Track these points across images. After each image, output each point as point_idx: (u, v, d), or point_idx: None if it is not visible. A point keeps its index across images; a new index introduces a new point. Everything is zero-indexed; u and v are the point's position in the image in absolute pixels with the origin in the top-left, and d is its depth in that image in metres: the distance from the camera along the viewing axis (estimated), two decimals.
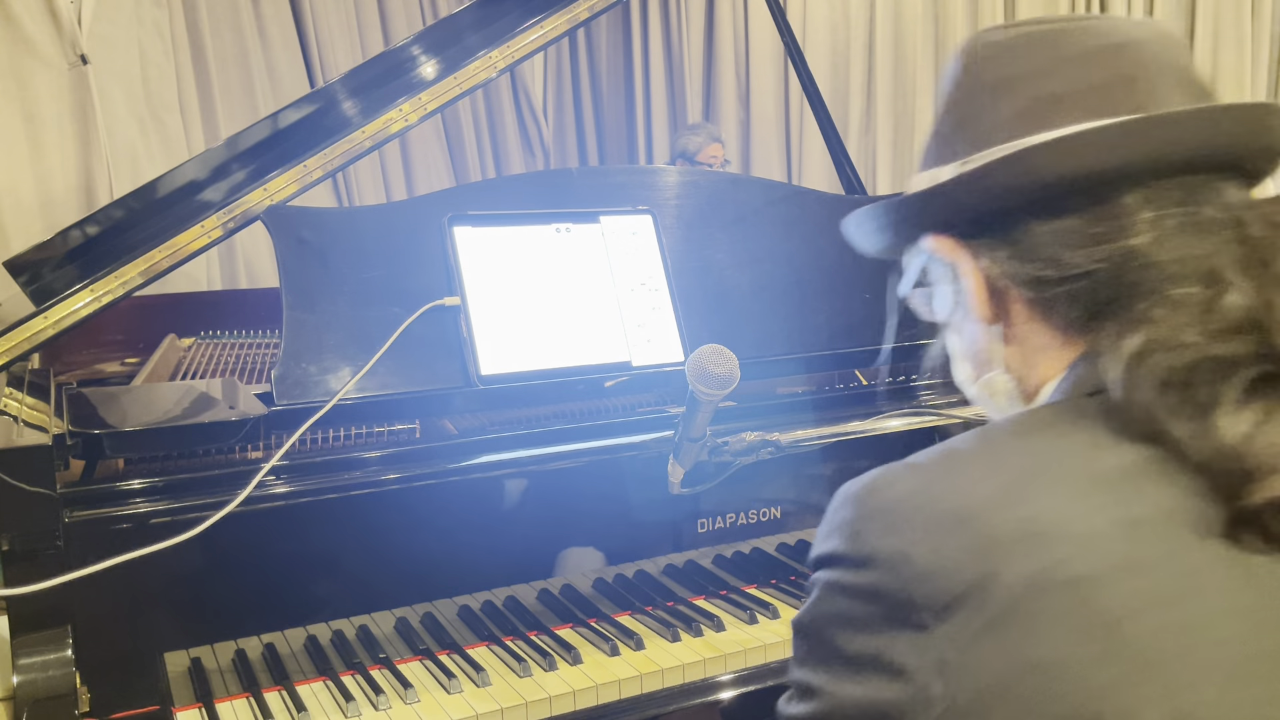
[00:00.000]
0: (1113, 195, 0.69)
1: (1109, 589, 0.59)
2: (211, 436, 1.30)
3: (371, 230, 1.48)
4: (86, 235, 1.52)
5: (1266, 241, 0.65)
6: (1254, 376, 0.61)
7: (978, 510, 0.62)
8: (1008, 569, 0.60)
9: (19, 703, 1.10)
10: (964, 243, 0.76)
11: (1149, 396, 0.62)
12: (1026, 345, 0.76)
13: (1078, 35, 0.74)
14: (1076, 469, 0.63)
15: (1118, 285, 0.68)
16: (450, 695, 1.26)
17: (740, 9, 4.44)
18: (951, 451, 0.67)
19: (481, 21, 1.71)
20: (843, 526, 0.67)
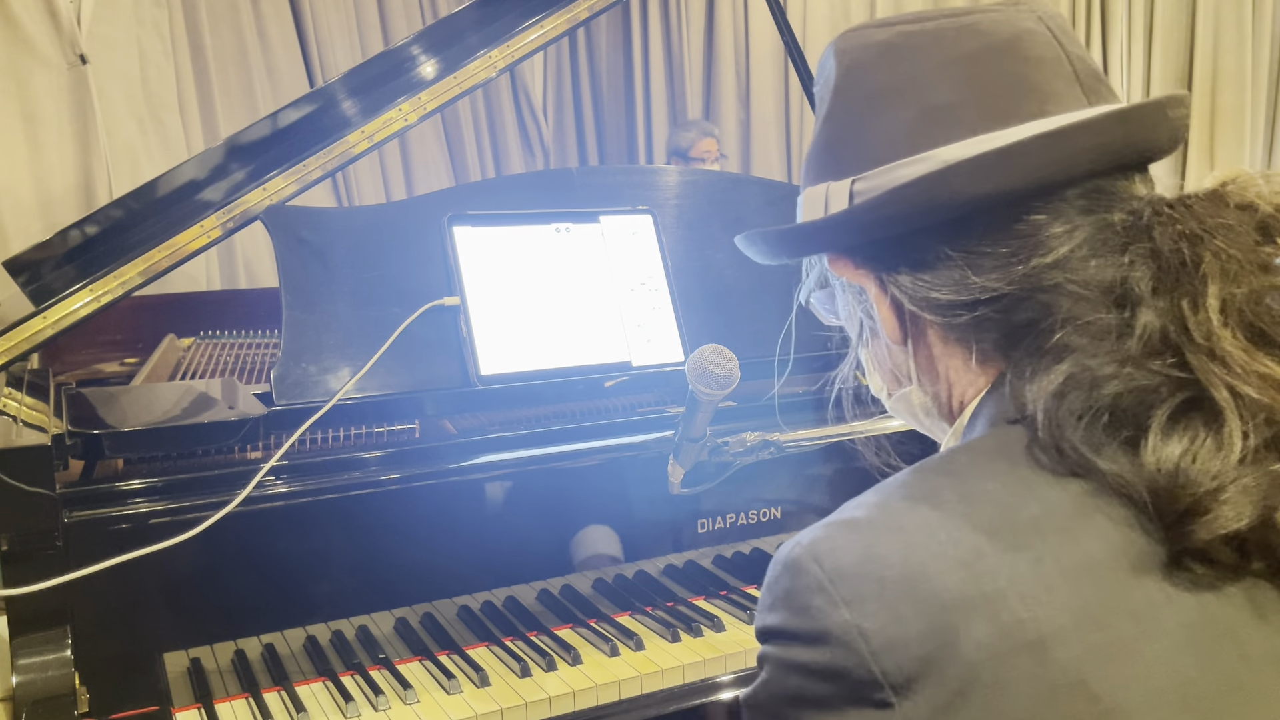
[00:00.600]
0: (1021, 213, 0.66)
1: (1068, 647, 0.57)
2: (211, 436, 1.30)
3: (371, 230, 1.48)
4: (86, 235, 1.51)
5: (1177, 256, 0.62)
6: (1179, 403, 0.59)
7: (927, 572, 0.59)
8: (965, 635, 0.57)
9: (18, 703, 1.10)
10: (869, 268, 0.73)
11: (1074, 434, 0.60)
12: (941, 364, 0.73)
13: (962, 35, 0.69)
14: (1019, 515, 0.60)
15: (1030, 308, 0.66)
16: (450, 696, 1.26)
17: (740, 9, 4.43)
18: (888, 503, 0.63)
19: (481, 21, 1.71)
20: (788, 599, 0.63)
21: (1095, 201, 0.66)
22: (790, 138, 4.58)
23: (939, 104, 0.68)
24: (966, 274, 0.67)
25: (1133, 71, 4.47)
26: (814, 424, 1.53)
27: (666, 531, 1.52)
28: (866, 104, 0.71)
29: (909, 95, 0.69)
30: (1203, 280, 0.60)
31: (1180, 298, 0.61)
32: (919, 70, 0.69)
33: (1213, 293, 0.59)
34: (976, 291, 0.67)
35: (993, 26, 0.70)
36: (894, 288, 0.71)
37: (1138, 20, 4.43)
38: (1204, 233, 0.61)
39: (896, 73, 0.70)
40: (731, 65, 4.53)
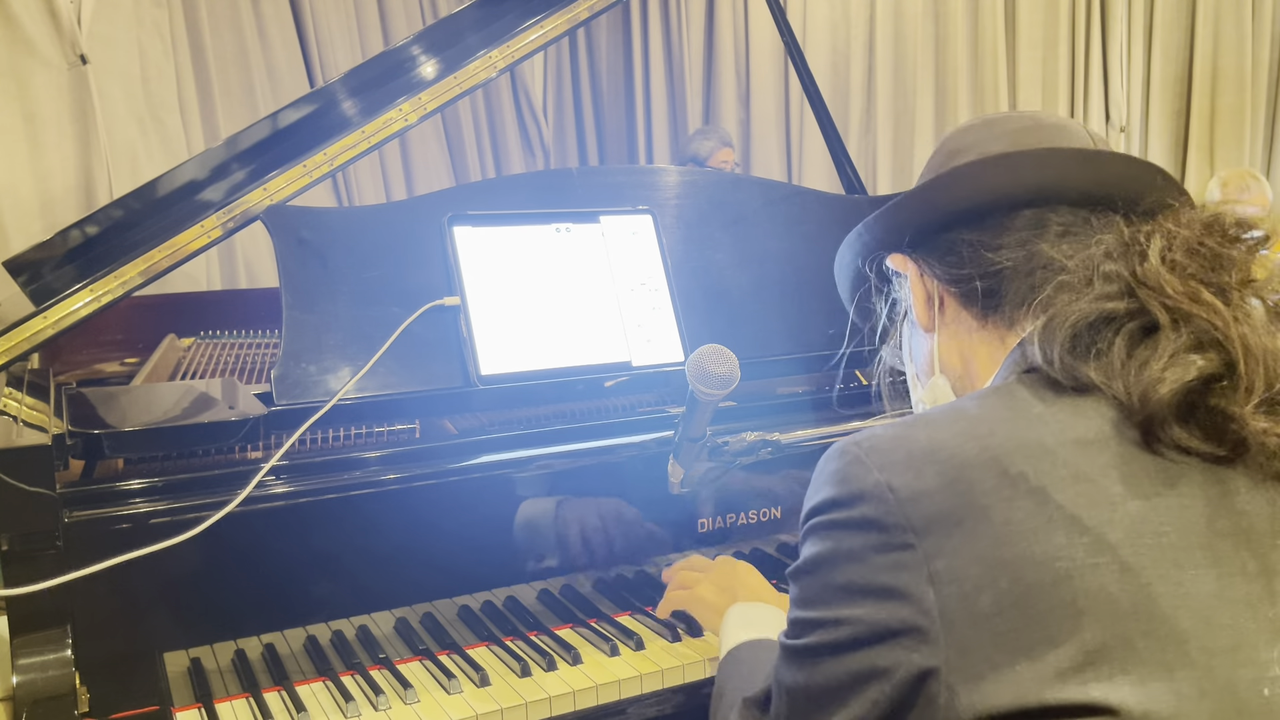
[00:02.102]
0: (1014, 211, 0.87)
1: (1064, 493, 0.70)
2: (211, 436, 1.30)
3: (371, 230, 1.48)
4: (86, 235, 1.52)
5: (1133, 236, 0.80)
6: (1136, 328, 0.75)
7: (947, 444, 0.73)
8: (976, 486, 0.71)
9: (18, 703, 1.10)
10: (911, 255, 0.95)
11: (1062, 353, 0.76)
12: (958, 341, 0.92)
13: (1021, 118, 0.94)
14: (1025, 410, 0.76)
15: (1026, 278, 0.86)
16: (450, 695, 1.26)
17: (740, 9, 4.43)
18: (922, 414, 0.81)
19: (481, 21, 1.71)
20: (832, 476, 0.77)
21: (1076, 218, 0.86)
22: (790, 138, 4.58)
23: (991, 152, 0.91)
24: (979, 253, 0.88)
25: (1132, 71, 4.47)
26: (814, 424, 1.53)
27: (666, 531, 1.52)
28: (943, 160, 0.95)
29: (971, 150, 0.93)
30: (1149, 243, 0.78)
31: (1132, 258, 0.78)
32: (985, 136, 0.93)
33: (1154, 251, 0.77)
34: (984, 265, 0.88)
35: (1044, 117, 0.94)
36: (927, 270, 0.93)
37: (1138, 20, 4.43)
38: (1155, 228, 0.80)
39: (969, 139, 0.94)
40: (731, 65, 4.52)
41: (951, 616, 0.69)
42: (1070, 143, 0.90)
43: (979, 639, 0.68)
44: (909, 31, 4.37)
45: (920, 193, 0.92)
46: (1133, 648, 0.66)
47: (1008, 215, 0.87)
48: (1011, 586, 0.68)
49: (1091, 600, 0.67)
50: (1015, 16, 4.39)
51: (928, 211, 0.91)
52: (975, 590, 0.69)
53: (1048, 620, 0.67)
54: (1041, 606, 0.67)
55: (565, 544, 1.46)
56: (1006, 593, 0.68)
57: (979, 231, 0.88)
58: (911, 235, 0.93)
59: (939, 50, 4.41)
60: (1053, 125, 0.92)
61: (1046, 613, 0.67)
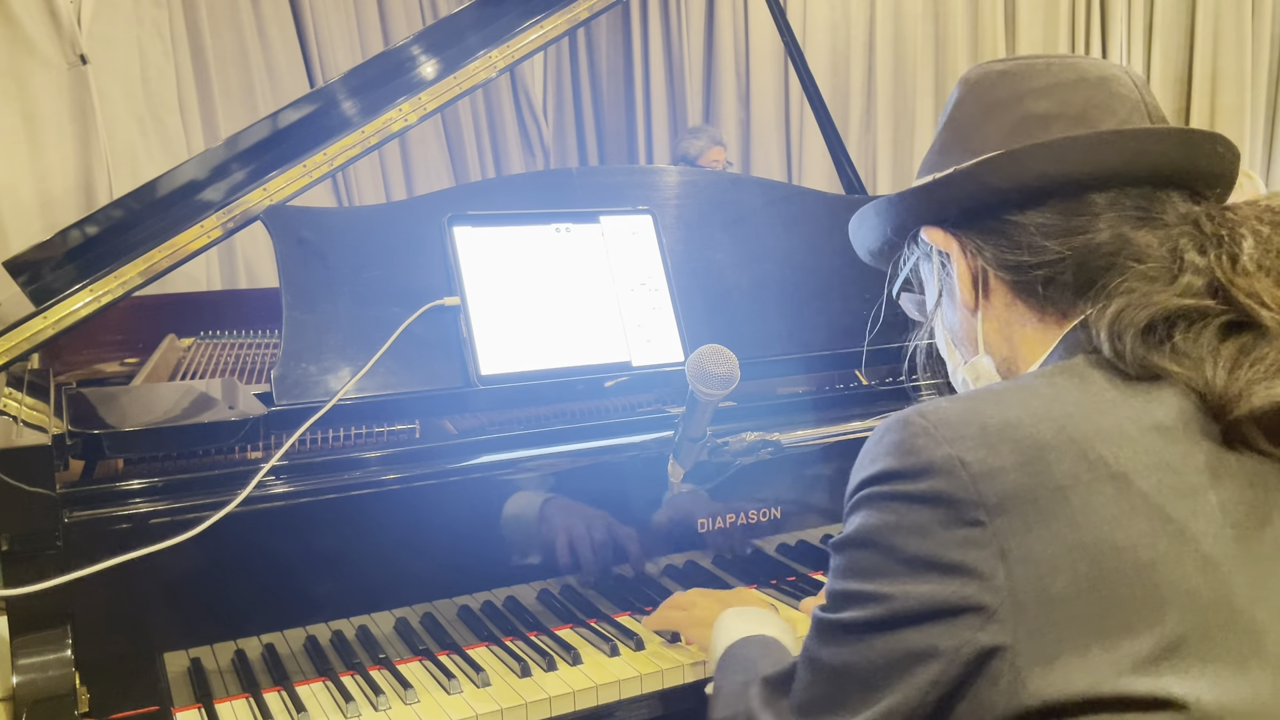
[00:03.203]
0: (1085, 195, 0.81)
1: (1147, 480, 0.68)
2: (211, 436, 1.30)
3: (371, 230, 1.48)
4: (86, 235, 1.51)
5: (1217, 230, 0.77)
6: (1222, 323, 0.73)
7: (1022, 422, 0.70)
8: (1054, 467, 0.68)
9: (18, 703, 1.10)
10: (955, 233, 0.87)
11: (1134, 343, 0.73)
12: (1008, 327, 0.87)
13: (1064, 69, 0.86)
14: (1100, 394, 0.73)
15: (1089, 268, 0.80)
16: (450, 696, 1.26)
17: (740, 9, 4.43)
18: (986, 388, 0.77)
19: (481, 21, 1.71)
20: (893, 447, 0.73)
21: (1147, 201, 0.81)
22: (790, 138, 4.58)
23: (1036, 113, 0.84)
24: (1038, 238, 0.82)
25: None
26: (814, 424, 1.53)
27: (666, 531, 1.52)
28: (980, 112, 0.88)
29: (1014, 106, 0.85)
30: (1239, 244, 0.75)
31: (1221, 256, 0.75)
32: (1025, 89, 0.86)
33: (1248, 252, 0.75)
34: (1043, 253, 0.81)
35: (1089, 66, 0.87)
36: (975, 249, 0.86)
37: (1138, 20, 4.43)
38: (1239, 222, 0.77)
39: (1007, 90, 0.87)
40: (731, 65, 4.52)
41: (1023, 597, 0.67)
42: (1123, 106, 0.83)
43: (1052, 622, 0.66)
44: (909, 31, 4.37)
45: (972, 173, 0.84)
46: (1210, 640, 0.66)
47: (1073, 200, 0.81)
48: (1090, 570, 0.66)
49: (1173, 590, 0.66)
50: (1015, 17, 4.39)
51: (981, 193, 0.84)
52: (1051, 572, 0.67)
53: (1127, 608, 0.66)
54: (1122, 593, 0.66)
55: (566, 544, 1.46)
56: (1085, 576, 0.66)
57: (1039, 216, 0.82)
58: (957, 213, 0.86)
59: (939, 50, 4.41)
60: (1098, 79, 0.85)
61: (1127, 600, 0.66)
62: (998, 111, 0.86)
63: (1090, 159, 0.80)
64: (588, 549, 1.48)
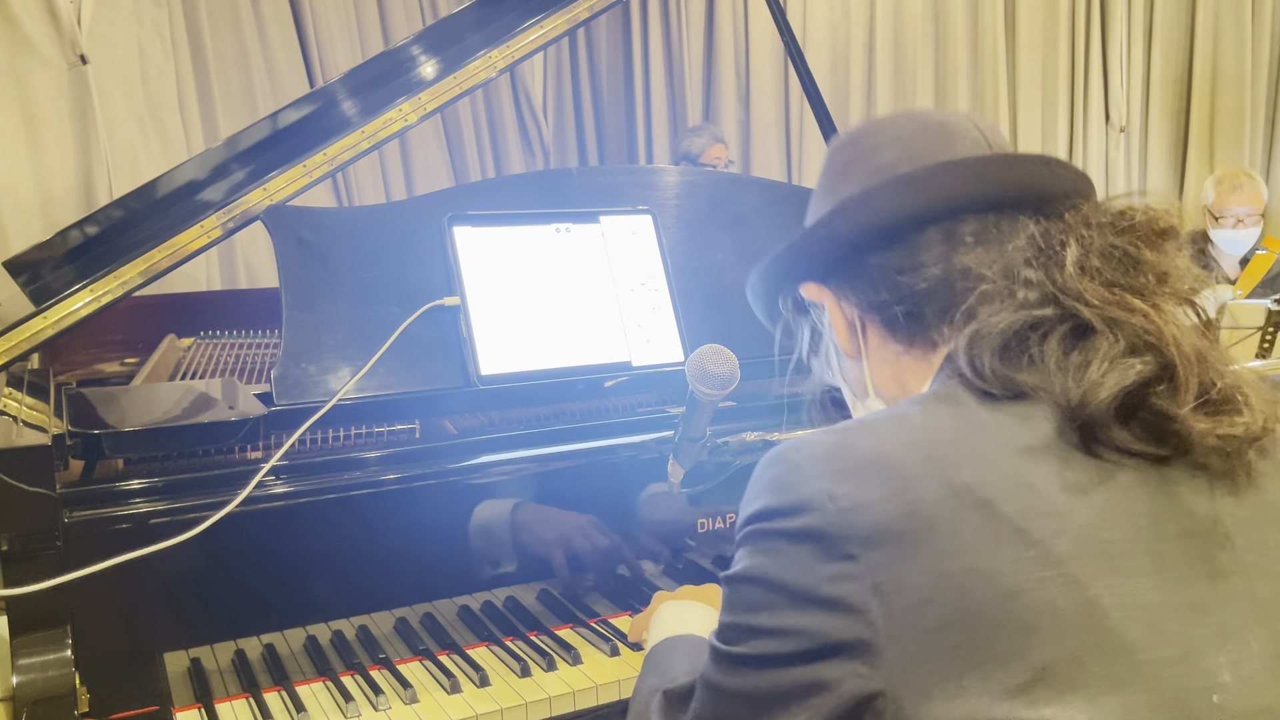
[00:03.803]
0: (926, 228, 0.84)
1: (1011, 504, 0.69)
2: (211, 437, 1.30)
3: (371, 230, 1.48)
4: (86, 235, 1.51)
5: (1049, 243, 0.79)
6: (1065, 331, 0.75)
7: (891, 453, 0.72)
8: (921, 497, 0.69)
9: (18, 703, 1.10)
10: (825, 285, 0.91)
11: (993, 362, 0.75)
12: (891, 367, 0.89)
13: (906, 120, 0.91)
14: (970, 417, 0.75)
15: (945, 296, 0.83)
16: (450, 696, 1.26)
17: (740, 9, 4.43)
18: (861, 420, 0.79)
19: (481, 21, 1.71)
20: (770, 484, 0.74)
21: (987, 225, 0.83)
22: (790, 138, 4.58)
23: (883, 163, 0.88)
24: (894, 276, 0.85)
25: (1132, 72, 4.47)
26: (814, 424, 1.53)
27: (667, 531, 1.52)
28: (839, 171, 0.92)
29: (866, 160, 0.90)
30: (1064, 250, 0.78)
31: (1049, 266, 0.78)
32: (874, 144, 0.90)
33: (1070, 258, 0.77)
34: (902, 288, 0.84)
35: (929, 115, 0.92)
36: (844, 298, 0.90)
37: (1138, 20, 4.43)
38: (1069, 230, 0.80)
39: (860, 148, 0.91)
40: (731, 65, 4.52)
41: (898, 631, 0.67)
42: (961, 144, 0.87)
43: (926, 654, 0.67)
44: (909, 31, 4.37)
45: (825, 224, 0.88)
46: (1082, 664, 0.66)
47: (916, 234, 0.84)
48: (959, 602, 0.66)
49: (1040, 617, 0.66)
50: (1015, 16, 4.39)
51: (835, 242, 0.87)
52: (922, 604, 0.67)
53: (996, 637, 0.66)
54: (989, 623, 0.66)
55: (565, 544, 1.46)
56: (954, 608, 0.66)
57: (889, 255, 0.85)
58: (821, 265, 0.90)
59: (939, 50, 4.41)
60: (937, 124, 0.89)
61: (994, 629, 0.66)
62: (853, 168, 0.90)
63: (921, 194, 0.84)
64: (588, 549, 1.48)
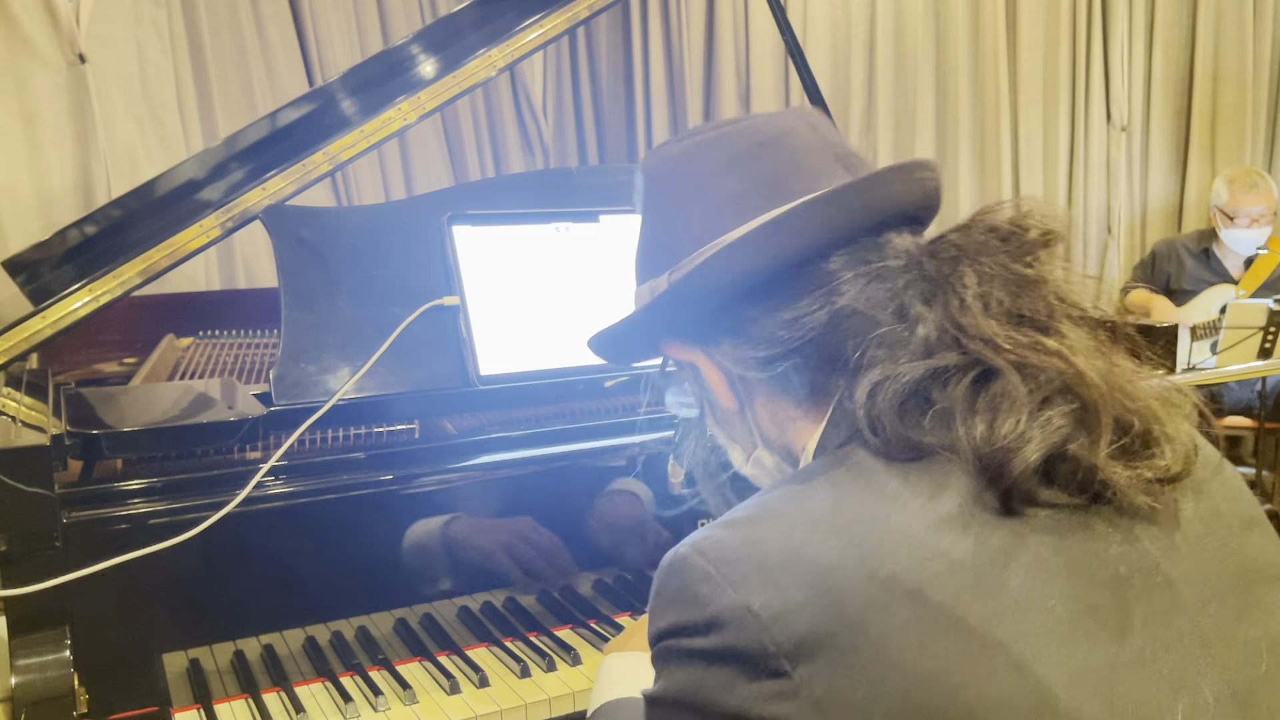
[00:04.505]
0: (804, 271, 0.76)
1: (943, 591, 0.62)
2: (210, 437, 1.30)
3: (370, 230, 1.48)
4: (84, 235, 1.51)
5: (941, 274, 0.73)
6: (972, 379, 0.69)
7: (805, 545, 0.64)
8: (847, 596, 0.62)
9: (17, 704, 1.10)
10: (695, 343, 0.83)
11: (893, 422, 0.69)
12: (776, 417, 0.81)
13: (738, 137, 0.82)
14: (881, 488, 0.67)
15: (834, 344, 0.75)
16: (449, 696, 1.26)
17: (740, 9, 4.43)
18: (762, 501, 0.70)
19: (481, 20, 1.71)
20: (679, 595, 0.67)
21: (868, 254, 0.76)
22: None
23: (729, 194, 0.80)
24: (775, 330, 0.76)
25: (1133, 71, 4.47)
26: None
27: (667, 531, 1.52)
28: (671, 206, 0.83)
29: (703, 192, 0.81)
30: (963, 286, 0.71)
31: (948, 304, 0.72)
32: (708, 170, 0.81)
33: (971, 294, 0.71)
34: (787, 342, 0.76)
35: (763, 127, 0.83)
36: (720, 355, 0.81)
37: (1138, 20, 4.42)
38: (960, 254, 0.74)
39: (693, 176, 0.82)
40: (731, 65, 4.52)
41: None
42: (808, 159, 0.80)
43: None
44: (909, 30, 4.37)
45: (693, 281, 0.78)
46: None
47: (793, 280, 0.76)
48: (904, 707, 0.61)
49: (989, 709, 0.61)
50: (1016, 16, 4.39)
51: (706, 300, 0.78)
52: (866, 712, 0.61)
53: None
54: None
55: (566, 544, 1.46)
56: (900, 713, 0.61)
57: (769, 306, 0.77)
58: (690, 325, 0.82)
59: (940, 49, 4.40)
60: (773, 138, 0.81)
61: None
62: (690, 200, 0.81)
63: (798, 237, 0.75)
64: (588, 549, 1.47)
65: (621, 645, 1.13)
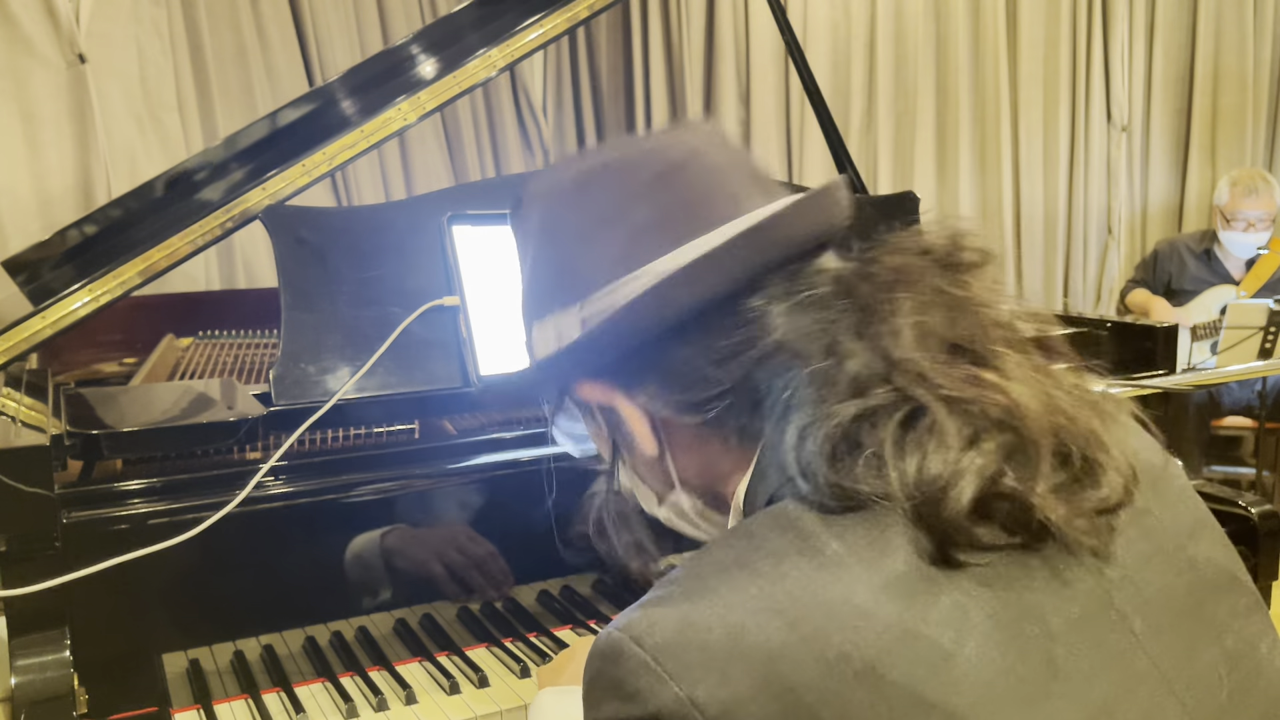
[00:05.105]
0: (736, 306, 0.70)
1: (897, 666, 0.57)
2: (210, 437, 1.30)
3: (370, 230, 1.48)
4: (84, 235, 1.51)
5: (872, 303, 0.68)
6: (901, 419, 0.64)
7: (746, 627, 0.59)
8: (796, 681, 0.57)
9: (17, 704, 1.09)
10: (615, 384, 0.76)
11: (827, 472, 0.64)
12: (702, 461, 0.77)
13: (647, 160, 0.75)
14: (820, 551, 0.62)
15: (765, 383, 0.70)
16: (449, 697, 1.26)
17: (740, 9, 4.43)
18: (695, 573, 0.64)
19: (481, 20, 1.71)
20: (616, 687, 0.61)
21: (796, 282, 0.71)
22: (790, 137, 4.58)
23: (643, 223, 0.73)
24: (706, 369, 0.71)
25: (1134, 71, 4.47)
26: None
27: (667, 532, 1.51)
28: (576, 237, 0.76)
29: (614, 221, 0.74)
30: (894, 316, 0.66)
31: (879, 336, 0.66)
32: (617, 198, 0.74)
33: (906, 325, 0.66)
34: (718, 383, 0.71)
35: (669, 148, 0.76)
36: (644, 397, 0.75)
37: (1138, 20, 4.43)
38: (896, 279, 0.68)
39: (597, 204, 0.75)
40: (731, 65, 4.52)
41: None
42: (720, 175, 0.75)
43: None
44: (910, 31, 4.37)
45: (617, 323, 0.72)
46: None
47: (727, 315, 0.70)
48: None
49: None
50: (1016, 16, 4.39)
51: (632, 342, 0.72)
52: None
53: None
54: None
55: (565, 544, 1.46)
56: None
57: (698, 345, 0.71)
58: (610, 367, 0.75)
59: (940, 49, 4.40)
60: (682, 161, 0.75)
61: None
62: (598, 234, 0.75)
63: (731, 270, 0.70)
64: (588, 549, 1.47)
65: (555, 676, 1.09)
